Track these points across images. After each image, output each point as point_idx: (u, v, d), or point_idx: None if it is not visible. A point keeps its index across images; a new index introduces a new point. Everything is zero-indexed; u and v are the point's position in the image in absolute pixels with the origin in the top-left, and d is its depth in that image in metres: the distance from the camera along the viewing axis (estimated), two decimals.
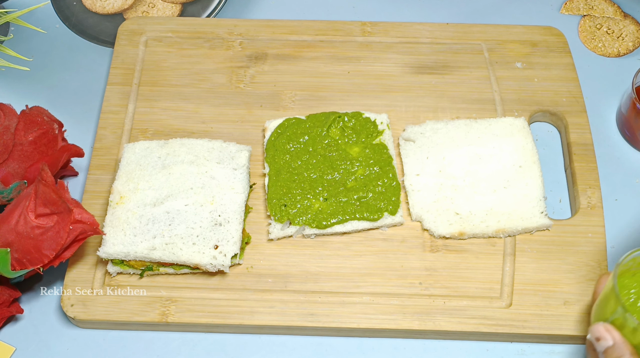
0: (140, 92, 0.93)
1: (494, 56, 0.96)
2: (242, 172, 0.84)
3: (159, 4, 1.05)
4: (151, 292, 0.80)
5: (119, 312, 0.79)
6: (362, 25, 0.99)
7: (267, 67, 0.95)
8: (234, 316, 0.79)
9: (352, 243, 0.83)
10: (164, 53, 0.96)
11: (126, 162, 0.85)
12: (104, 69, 0.98)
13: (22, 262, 0.75)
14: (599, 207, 0.84)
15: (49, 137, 0.83)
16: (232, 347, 0.79)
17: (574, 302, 0.79)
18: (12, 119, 0.83)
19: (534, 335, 0.78)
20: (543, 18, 1.03)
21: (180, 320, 0.79)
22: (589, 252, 0.82)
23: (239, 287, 0.81)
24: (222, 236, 0.80)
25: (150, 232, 0.80)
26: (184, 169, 0.84)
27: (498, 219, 0.82)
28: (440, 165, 0.86)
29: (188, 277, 0.81)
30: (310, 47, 0.96)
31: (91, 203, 0.85)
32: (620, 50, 1.00)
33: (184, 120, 0.91)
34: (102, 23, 1.03)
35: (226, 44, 0.97)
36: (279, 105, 0.92)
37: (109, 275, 0.81)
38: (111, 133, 0.90)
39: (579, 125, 0.90)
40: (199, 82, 0.94)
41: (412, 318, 0.78)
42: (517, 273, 0.81)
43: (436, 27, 0.98)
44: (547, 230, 0.83)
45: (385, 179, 0.84)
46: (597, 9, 1.04)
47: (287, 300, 0.80)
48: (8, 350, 0.79)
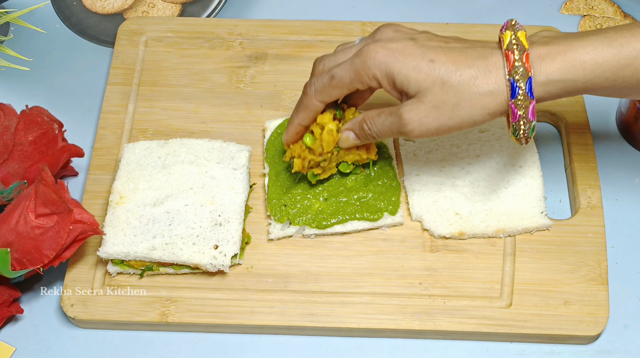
0: (140, 92, 0.93)
1: None
2: (242, 172, 0.84)
3: (159, 4, 1.05)
4: (151, 292, 0.80)
5: (119, 312, 0.79)
6: (362, 25, 0.99)
7: (267, 67, 0.95)
8: (234, 316, 0.79)
9: (352, 243, 0.83)
10: (164, 53, 0.96)
11: (126, 162, 0.85)
12: (104, 69, 0.98)
13: (22, 262, 0.75)
14: (599, 207, 0.84)
15: (49, 137, 0.83)
16: (232, 347, 0.79)
17: (574, 302, 0.79)
18: (12, 119, 0.83)
19: (534, 335, 0.78)
20: (543, 18, 1.03)
21: (180, 320, 0.79)
22: (589, 252, 0.82)
23: (239, 287, 0.81)
24: (222, 236, 0.80)
25: (150, 232, 0.80)
26: (184, 169, 0.84)
27: (498, 219, 0.82)
28: (440, 165, 0.86)
29: (188, 277, 0.81)
30: (310, 47, 0.96)
31: (91, 203, 0.85)
32: None
33: (184, 120, 0.91)
34: (102, 23, 1.03)
35: (226, 44, 0.97)
36: (279, 105, 0.92)
37: (109, 275, 0.81)
38: (111, 133, 0.90)
39: (579, 125, 0.90)
40: (199, 82, 0.94)
41: (412, 318, 0.78)
42: (517, 273, 0.81)
43: (436, 27, 0.98)
44: (547, 230, 0.83)
45: (385, 178, 0.84)
46: (597, 9, 1.04)
47: (287, 300, 0.80)
48: (8, 350, 0.79)
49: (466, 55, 0.70)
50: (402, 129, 0.72)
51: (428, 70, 0.69)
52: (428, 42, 0.71)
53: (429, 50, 0.70)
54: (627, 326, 0.80)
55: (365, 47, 0.72)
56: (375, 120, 0.74)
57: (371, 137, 0.76)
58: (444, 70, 0.69)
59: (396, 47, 0.71)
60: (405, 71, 0.70)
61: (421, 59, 0.70)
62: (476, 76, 0.68)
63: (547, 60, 0.68)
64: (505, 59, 0.68)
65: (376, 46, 0.71)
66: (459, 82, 0.69)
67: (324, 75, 0.74)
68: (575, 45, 0.68)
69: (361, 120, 0.76)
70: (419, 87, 0.70)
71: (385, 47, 0.71)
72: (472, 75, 0.69)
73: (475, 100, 0.69)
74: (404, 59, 0.70)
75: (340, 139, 0.77)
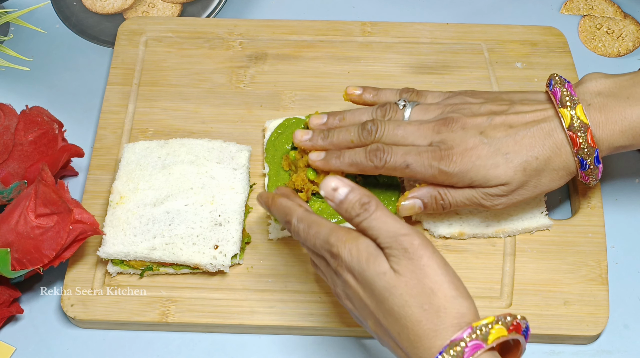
0: (140, 92, 0.93)
1: (494, 56, 0.96)
2: (242, 172, 0.84)
3: (159, 4, 1.05)
4: (151, 292, 0.80)
5: (119, 312, 0.79)
6: (362, 25, 0.99)
7: (267, 67, 0.95)
8: (234, 316, 0.79)
9: None
10: (164, 53, 0.96)
11: (126, 162, 0.85)
12: (104, 69, 0.98)
13: (22, 262, 0.75)
14: (599, 207, 0.84)
15: (49, 137, 0.83)
16: (232, 347, 0.79)
17: (574, 302, 0.79)
18: (12, 119, 0.83)
19: (534, 335, 0.78)
20: (543, 18, 1.03)
21: (180, 320, 0.79)
22: (589, 252, 0.82)
23: (239, 287, 0.81)
24: (222, 236, 0.80)
25: (150, 232, 0.80)
26: (184, 169, 0.84)
27: (498, 219, 0.82)
28: None
29: (188, 277, 0.81)
30: (310, 47, 0.96)
31: (91, 204, 0.85)
32: (620, 50, 1.00)
33: (184, 120, 0.91)
34: (102, 23, 1.03)
35: (226, 44, 0.97)
36: (279, 105, 0.92)
37: (109, 275, 0.81)
38: (111, 133, 0.90)
39: None
40: (199, 82, 0.94)
41: None
42: (517, 273, 0.81)
43: (436, 27, 0.98)
44: (547, 230, 0.83)
45: (385, 178, 0.84)
46: (597, 9, 1.04)
47: (287, 300, 0.80)
48: (8, 350, 0.79)
49: (534, 137, 0.74)
50: (491, 206, 0.76)
51: (506, 163, 0.73)
52: (495, 133, 0.74)
53: (501, 144, 0.74)
54: (627, 326, 0.80)
55: (445, 151, 0.74)
56: (458, 192, 0.76)
57: (443, 208, 0.77)
58: (520, 158, 0.73)
59: (472, 153, 0.74)
60: (483, 171, 0.74)
61: (495, 155, 0.74)
62: (550, 157, 0.73)
63: (606, 129, 0.73)
64: (570, 140, 0.73)
65: (453, 153, 0.74)
66: (538, 165, 0.73)
67: (396, 158, 0.75)
68: (630, 113, 0.72)
69: (435, 191, 0.76)
70: (502, 181, 0.74)
71: (463, 154, 0.74)
72: (547, 157, 0.73)
73: (553, 175, 0.74)
74: (480, 162, 0.74)
75: (403, 208, 0.77)
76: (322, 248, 0.66)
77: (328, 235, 0.65)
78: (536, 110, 0.75)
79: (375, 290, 0.63)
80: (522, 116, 0.75)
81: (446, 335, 0.60)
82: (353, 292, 0.65)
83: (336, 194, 0.65)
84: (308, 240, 0.67)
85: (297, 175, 0.82)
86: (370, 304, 0.64)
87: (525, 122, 0.75)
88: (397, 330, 0.62)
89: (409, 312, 0.61)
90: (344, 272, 0.65)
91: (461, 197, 0.76)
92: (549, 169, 0.74)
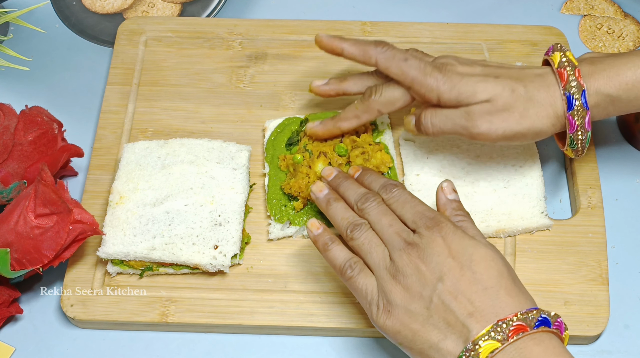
0: (140, 92, 0.93)
1: (494, 56, 0.95)
2: (242, 172, 0.84)
3: (159, 4, 1.05)
4: (151, 292, 0.80)
5: (118, 312, 0.79)
6: (362, 25, 0.99)
7: (267, 67, 0.95)
8: (234, 316, 0.79)
9: None
10: (164, 53, 0.96)
11: (126, 162, 0.84)
12: (104, 69, 0.98)
13: (22, 262, 0.75)
14: (599, 207, 0.84)
15: (48, 137, 0.83)
16: (232, 347, 0.79)
17: (574, 302, 0.79)
18: (11, 119, 0.83)
19: None
20: (543, 18, 1.03)
21: (180, 320, 0.79)
22: (589, 252, 0.82)
23: (239, 287, 0.81)
24: (222, 236, 0.80)
25: (150, 232, 0.80)
26: (184, 169, 0.84)
27: (498, 219, 0.82)
28: (440, 165, 0.86)
29: (188, 277, 0.81)
30: (310, 47, 0.96)
31: (91, 204, 0.85)
32: (621, 50, 1.00)
33: (183, 120, 0.91)
34: (102, 23, 1.03)
35: (226, 44, 0.97)
36: (279, 105, 0.92)
37: (108, 275, 0.81)
38: (111, 133, 0.90)
39: None
40: (198, 82, 0.94)
41: None
42: (518, 273, 0.80)
43: (436, 27, 0.98)
44: (547, 230, 0.83)
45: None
46: (598, 8, 1.04)
47: (287, 300, 0.79)
48: (8, 350, 0.79)
49: (525, 73, 0.77)
50: (471, 127, 0.76)
51: (495, 81, 0.76)
52: (489, 66, 0.78)
53: (493, 70, 0.77)
54: (628, 326, 0.80)
55: (440, 68, 0.77)
56: (439, 113, 0.78)
57: (426, 129, 0.79)
58: (509, 81, 0.76)
59: (464, 71, 0.77)
60: (471, 83, 0.76)
61: (487, 76, 0.76)
62: (539, 89, 0.75)
63: (595, 76, 0.75)
64: (558, 77, 0.75)
65: (446, 71, 0.77)
66: (526, 92, 0.75)
67: (392, 88, 0.80)
68: (619, 64, 0.75)
69: (418, 111, 0.79)
70: (489, 95, 0.75)
71: (455, 71, 0.77)
72: (535, 88, 0.75)
73: (540, 110, 0.75)
74: (471, 78, 0.76)
75: (405, 122, 0.82)
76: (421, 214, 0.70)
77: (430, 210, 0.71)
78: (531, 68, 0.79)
79: (474, 258, 0.66)
80: (515, 66, 0.79)
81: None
82: (439, 251, 0.67)
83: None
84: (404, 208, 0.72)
85: (295, 180, 0.82)
86: (455, 266, 0.66)
87: (519, 67, 0.78)
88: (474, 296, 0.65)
89: (502, 282, 0.66)
90: (437, 235, 0.68)
91: (447, 116, 0.77)
92: (536, 101, 0.75)
